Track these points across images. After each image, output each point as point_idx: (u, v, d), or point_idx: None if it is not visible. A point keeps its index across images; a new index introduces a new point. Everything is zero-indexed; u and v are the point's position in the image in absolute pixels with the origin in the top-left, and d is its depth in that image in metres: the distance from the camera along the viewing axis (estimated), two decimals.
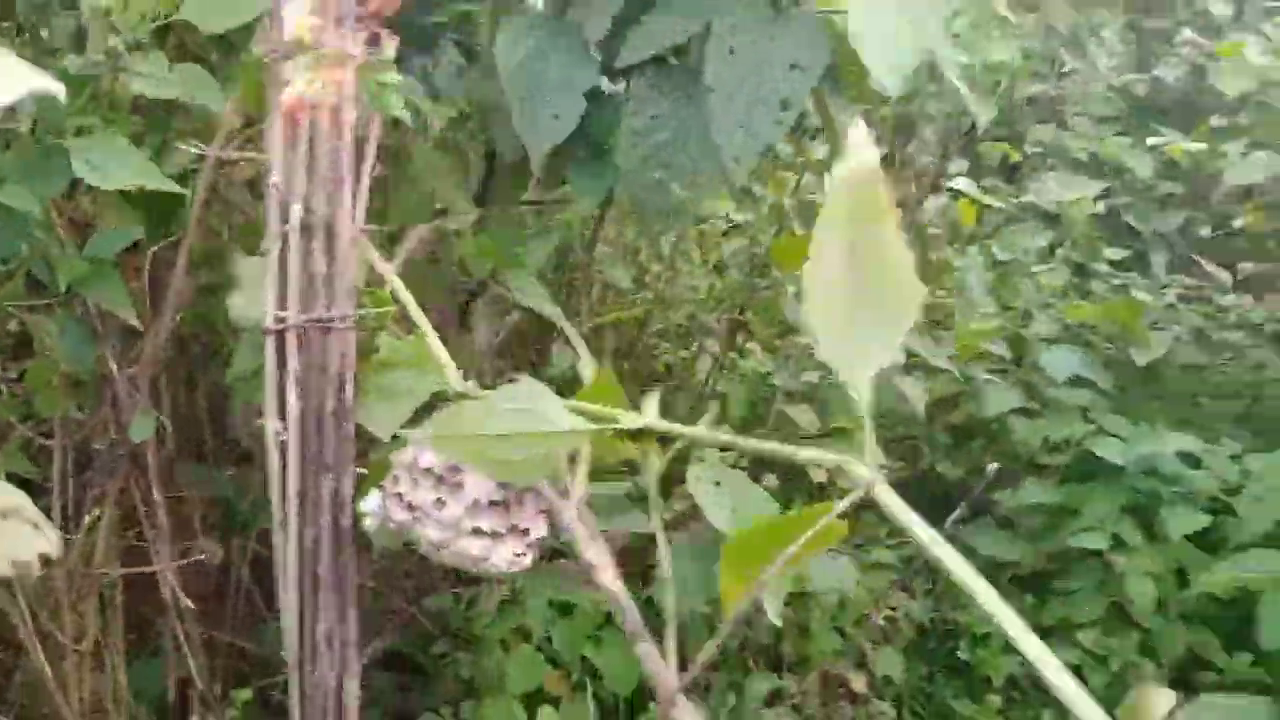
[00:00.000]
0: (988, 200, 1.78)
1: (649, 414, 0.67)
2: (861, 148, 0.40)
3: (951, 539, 1.98)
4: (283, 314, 0.69)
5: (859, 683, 1.63)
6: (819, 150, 1.60)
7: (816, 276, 0.42)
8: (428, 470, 0.72)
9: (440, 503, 0.71)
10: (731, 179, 0.86)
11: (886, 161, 2.54)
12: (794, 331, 1.86)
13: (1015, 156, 2.36)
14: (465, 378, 0.75)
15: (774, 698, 1.45)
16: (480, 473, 0.70)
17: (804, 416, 1.56)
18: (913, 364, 1.71)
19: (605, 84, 0.91)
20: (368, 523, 0.74)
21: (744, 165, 0.83)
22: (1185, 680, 1.71)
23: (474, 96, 0.96)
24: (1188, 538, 1.72)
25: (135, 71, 1.08)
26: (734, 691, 1.42)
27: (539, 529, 0.74)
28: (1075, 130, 2.51)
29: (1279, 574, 1.35)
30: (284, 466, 0.71)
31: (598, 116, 0.88)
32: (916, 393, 1.56)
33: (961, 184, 1.80)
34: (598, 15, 0.87)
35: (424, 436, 0.69)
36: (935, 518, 2.02)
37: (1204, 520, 1.70)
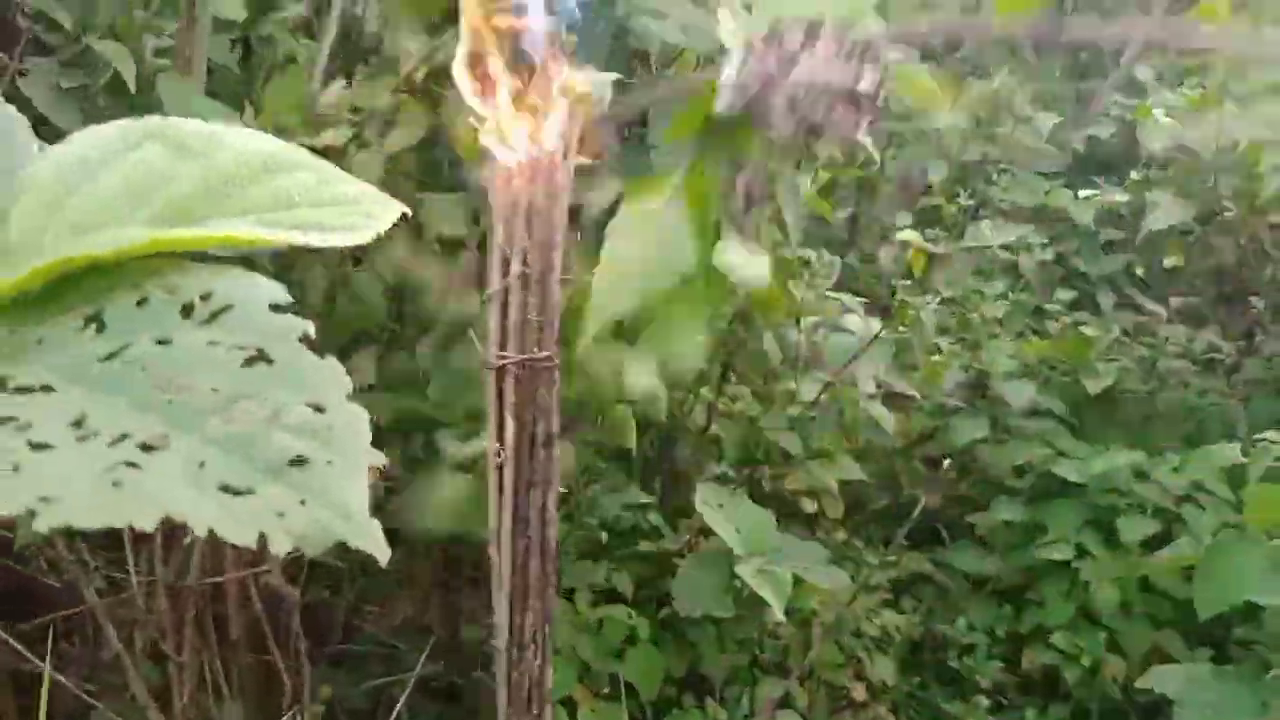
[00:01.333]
0: (930, 248, 2.01)
1: None
2: None
3: (935, 562, 2.19)
4: (504, 354, 0.79)
5: (859, 691, 1.79)
6: None
7: None
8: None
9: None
10: None
11: (852, 220, 2.75)
12: (777, 379, 2.06)
13: (951, 208, 2.59)
14: None
15: (784, 702, 1.61)
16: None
17: (790, 443, 1.76)
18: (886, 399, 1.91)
19: None
20: (724, 96, 0.84)
21: None
22: None
23: None
24: (1143, 544, 1.91)
25: None
26: (747, 697, 1.59)
27: None
28: (1023, 184, 2.76)
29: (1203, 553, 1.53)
30: (500, 484, 0.81)
31: None
32: (883, 413, 1.76)
33: (908, 235, 2.03)
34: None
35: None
36: (917, 543, 2.21)
37: (1155, 526, 1.89)
